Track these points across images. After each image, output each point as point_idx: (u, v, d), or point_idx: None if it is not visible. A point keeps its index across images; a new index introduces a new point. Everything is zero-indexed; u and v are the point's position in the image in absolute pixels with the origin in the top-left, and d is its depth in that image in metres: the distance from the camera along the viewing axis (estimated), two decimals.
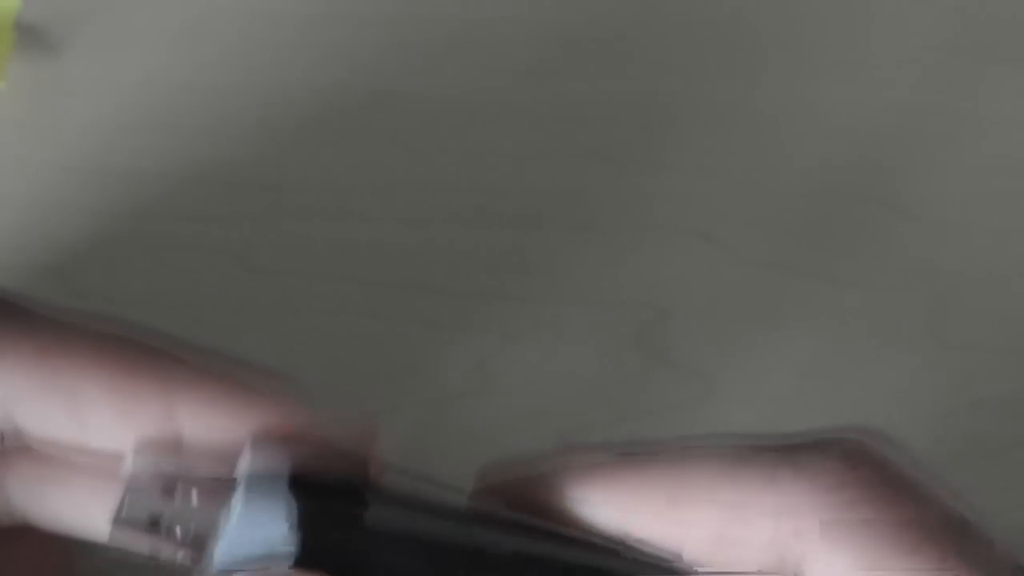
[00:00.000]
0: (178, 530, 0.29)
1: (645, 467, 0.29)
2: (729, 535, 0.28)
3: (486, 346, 0.40)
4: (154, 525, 0.29)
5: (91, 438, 0.29)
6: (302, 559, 0.27)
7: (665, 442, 0.29)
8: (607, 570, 0.29)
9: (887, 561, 0.27)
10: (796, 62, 0.44)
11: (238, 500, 0.28)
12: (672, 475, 0.29)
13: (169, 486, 0.29)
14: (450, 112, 0.43)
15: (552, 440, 0.38)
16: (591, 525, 0.29)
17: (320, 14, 0.44)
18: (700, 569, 0.29)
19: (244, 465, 0.28)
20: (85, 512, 0.30)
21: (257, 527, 0.28)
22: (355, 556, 0.28)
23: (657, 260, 0.42)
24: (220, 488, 0.29)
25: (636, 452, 0.29)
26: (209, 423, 0.29)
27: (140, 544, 0.29)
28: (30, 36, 0.43)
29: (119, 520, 0.29)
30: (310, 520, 0.28)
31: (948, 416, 0.40)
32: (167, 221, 0.41)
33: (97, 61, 0.43)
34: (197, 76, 0.43)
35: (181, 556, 0.29)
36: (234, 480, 0.28)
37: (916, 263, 0.42)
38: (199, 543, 0.29)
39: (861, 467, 0.28)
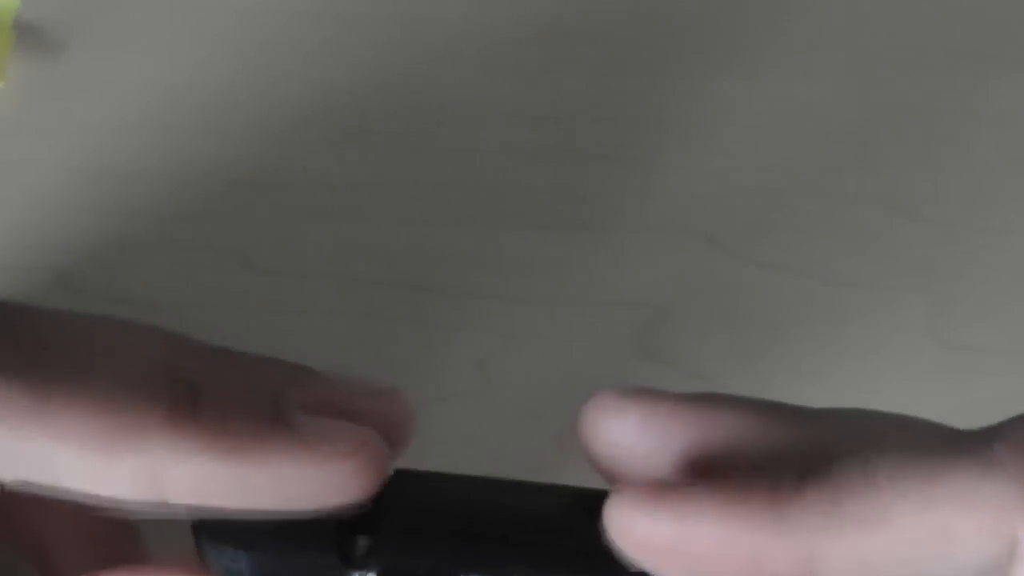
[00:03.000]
0: None
1: (837, 478, 0.25)
2: (946, 537, 0.24)
3: (486, 346, 0.40)
4: None
5: (71, 494, 0.27)
6: None
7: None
8: None
9: None
10: (795, 61, 0.44)
11: None
12: (872, 480, 0.25)
13: None
14: (450, 112, 0.43)
15: (552, 440, 0.38)
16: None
17: (319, 14, 0.44)
18: None
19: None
20: None
21: None
22: None
23: (657, 260, 0.41)
24: None
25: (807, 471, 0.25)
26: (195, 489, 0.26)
27: None
28: (30, 36, 0.43)
29: None
30: None
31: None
32: (167, 221, 0.41)
33: (97, 61, 0.43)
34: (197, 76, 0.43)
35: None
36: None
37: (916, 263, 0.42)
38: None
39: None
